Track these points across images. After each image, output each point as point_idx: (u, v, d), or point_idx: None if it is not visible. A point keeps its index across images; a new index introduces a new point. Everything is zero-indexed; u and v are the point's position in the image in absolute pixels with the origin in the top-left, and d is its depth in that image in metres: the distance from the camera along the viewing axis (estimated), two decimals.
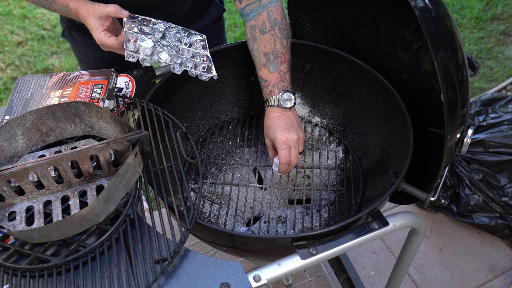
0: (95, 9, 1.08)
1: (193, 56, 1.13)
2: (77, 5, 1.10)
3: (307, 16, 1.31)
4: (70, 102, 0.94)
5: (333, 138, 1.36)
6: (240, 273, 0.81)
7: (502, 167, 1.88)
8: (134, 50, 1.06)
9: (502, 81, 2.56)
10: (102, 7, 1.08)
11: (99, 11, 1.08)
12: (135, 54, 1.06)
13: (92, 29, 1.09)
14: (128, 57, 1.06)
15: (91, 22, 1.08)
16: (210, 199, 1.24)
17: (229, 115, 1.39)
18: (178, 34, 1.16)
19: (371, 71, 1.21)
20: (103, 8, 1.08)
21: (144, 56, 1.07)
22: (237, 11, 2.98)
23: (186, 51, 1.13)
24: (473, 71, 0.95)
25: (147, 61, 1.07)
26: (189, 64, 1.12)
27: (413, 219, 0.99)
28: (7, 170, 0.81)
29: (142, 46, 1.06)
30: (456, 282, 1.81)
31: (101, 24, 1.09)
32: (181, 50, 1.12)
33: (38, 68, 2.67)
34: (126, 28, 1.08)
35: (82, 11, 1.09)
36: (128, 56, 1.05)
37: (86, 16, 1.09)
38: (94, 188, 0.90)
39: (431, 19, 0.79)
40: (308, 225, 1.19)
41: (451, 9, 3.00)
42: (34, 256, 0.80)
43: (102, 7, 1.08)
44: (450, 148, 0.87)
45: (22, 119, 0.93)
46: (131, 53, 1.05)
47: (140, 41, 1.07)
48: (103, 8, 1.08)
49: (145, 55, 1.07)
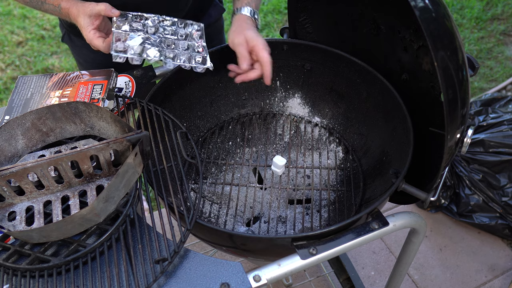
0: (85, 8, 1.08)
1: (187, 48, 1.12)
2: (68, 5, 1.10)
3: (307, 16, 1.31)
4: (70, 102, 0.94)
5: (333, 138, 1.36)
6: (240, 273, 0.81)
7: (502, 167, 1.88)
8: (122, 49, 1.05)
9: (502, 81, 2.56)
10: (93, 5, 1.07)
11: (89, 9, 1.07)
12: (121, 54, 1.04)
13: (82, 28, 1.09)
14: (115, 58, 1.05)
15: (81, 21, 1.08)
16: (210, 199, 1.24)
17: (229, 115, 1.39)
18: (173, 26, 1.14)
19: (371, 71, 1.21)
20: (93, 6, 1.07)
21: (132, 55, 1.05)
22: None
23: (182, 43, 1.11)
24: (473, 71, 0.95)
25: (136, 60, 1.06)
26: (182, 57, 1.10)
27: (413, 219, 0.99)
28: (7, 170, 0.81)
29: (130, 45, 1.05)
30: (456, 282, 1.81)
31: (90, 23, 1.08)
32: (175, 43, 1.11)
33: (38, 68, 2.67)
34: (114, 27, 1.07)
35: (73, 10, 1.09)
36: (114, 57, 1.04)
37: (76, 15, 1.09)
38: (94, 188, 0.90)
39: (431, 19, 0.79)
40: (308, 225, 1.19)
41: (451, 9, 3.01)
42: (34, 256, 0.80)
43: (92, 5, 1.07)
44: (450, 148, 0.87)
45: (22, 119, 0.93)
46: (117, 54, 1.04)
47: (129, 39, 1.06)
48: (93, 6, 1.07)
49: (134, 53, 1.05)
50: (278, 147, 1.38)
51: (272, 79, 1.37)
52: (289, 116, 1.40)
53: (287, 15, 1.32)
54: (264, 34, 2.87)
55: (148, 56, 1.06)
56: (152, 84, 1.20)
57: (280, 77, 1.38)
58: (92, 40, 1.08)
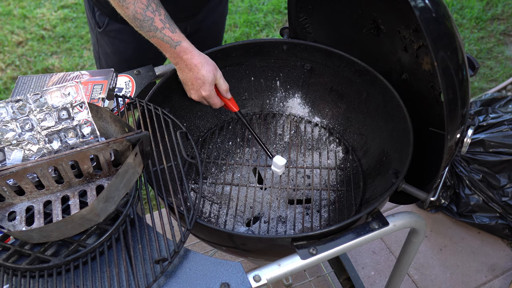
0: (216, 69, 1.15)
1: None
2: (190, 49, 1.11)
3: (307, 16, 1.31)
4: None
5: (333, 138, 1.36)
6: (240, 273, 0.81)
7: (502, 167, 1.88)
8: None
9: (502, 81, 2.56)
10: (222, 77, 1.17)
11: (219, 75, 1.16)
12: None
13: (203, 80, 1.13)
14: None
15: (205, 73, 1.12)
16: (210, 199, 1.24)
17: (229, 115, 1.39)
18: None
19: (371, 71, 1.21)
20: (223, 79, 1.17)
21: None
22: (237, 11, 2.99)
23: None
24: (473, 71, 0.95)
25: None
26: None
27: (413, 219, 0.99)
28: (7, 170, 0.81)
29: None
30: (456, 282, 1.81)
31: (213, 82, 1.15)
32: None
33: (38, 68, 2.67)
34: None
35: (196, 57, 1.11)
36: None
37: (199, 65, 1.11)
38: (94, 188, 0.90)
39: (431, 19, 0.79)
40: (308, 225, 1.19)
41: (451, 9, 3.00)
42: (34, 256, 0.80)
43: (220, 73, 1.17)
44: (450, 148, 0.87)
45: None
46: None
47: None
48: (223, 80, 1.17)
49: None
50: (278, 147, 1.38)
51: (272, 79, 1.37)
52: (289, 116, 1.40)
53: (287, 15, 1.32)
54: (264, 34, 2.87)
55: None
56: (152, 84, 1.20)
57: (280, 77, 1.38)
58: (213, 97, 1.17)
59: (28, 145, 0.91)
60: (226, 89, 1.18)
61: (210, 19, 1.49)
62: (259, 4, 3.06)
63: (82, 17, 2.96)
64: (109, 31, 1.41)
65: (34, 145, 0.92)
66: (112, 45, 1.45)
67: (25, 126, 0.92)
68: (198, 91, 1.15)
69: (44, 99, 0.94)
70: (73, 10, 3.02)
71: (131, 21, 1.10)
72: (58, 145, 0.93)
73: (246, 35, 2.86)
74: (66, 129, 0.93)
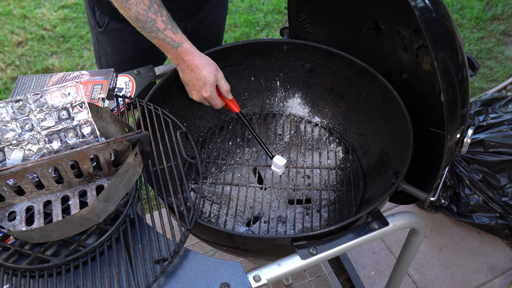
0: (218, 70, 1.15)
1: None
2: (192, 50, 1.11)
3: (307, 16, 1.31)
4: None
5: (333, 138, 1.36)
6: (240, 273, 0.81)
7: (502, 167, 1.88)
8: None
9: (502, 81, 2.56)
10: (223, 78, 1.17)
11: (220, 76, 1.16)
12: None
13: (204, 81, 1.13)
14: None
15: (206, 74, 1.12)
16: (210, 199, 1.24)
17: (229, 115, 1.39)
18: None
19: (371, 71, 1.21)
20: (224, 80, 1.17)
21: None
22: (237, 11, 2.99)
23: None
24: (473, 71, 0.95)
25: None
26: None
27: (413, 219, 0.99)
28: (7, 170, 0.81)
29: None
30: (456, 282, 1.81)
31: (214, 84, 1.15)
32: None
33: (38, 68, 2.67)
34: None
35: (197, 58, 1.11)
36: None
37: (201, 65, 1.11)
38: (94, 188, 0.90)
39: (431, 19, 0.79)
40: (308, 225, 1.19)
41: (451, 9, 3.00)
42: (34, 256, 0.80)
43: (221, 74, 1.17)
44: (450, 148, 0.87)
45: None
46: None
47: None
48: (224, 81, 1.18)
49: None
50: (278, 147, 1.38)
51: (272, 79, 1.37)
52: (289, 116, 1.40)
53: (287, 15, 1.32)
54: (264, 34, 2.87)
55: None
56: (152, 84, 1.20)
57: (280, 77, 1.38)
58: (215, 98, 1.17)
59: (28, 145, 0.91)
60: (228, 90, 1.18)
61: (210, 19, 1.49)
62: (259, 4, 3.06)
63: (82, 17, 2.96)
64: (109, 30, 1.41)
65: (34, 145, 0.92)
66: (112, 45, 1.45)
67: (25, 126, 0.92)
68: (199, 92, 1.15)
69: (44, 99, 0.94)
70: (73, 10, 3.02)
71: (133, 22, 1.10)
72: (58, 145, 0.93)
73: (246, 35, 2.86)
74: (66, 129, 0.93)
